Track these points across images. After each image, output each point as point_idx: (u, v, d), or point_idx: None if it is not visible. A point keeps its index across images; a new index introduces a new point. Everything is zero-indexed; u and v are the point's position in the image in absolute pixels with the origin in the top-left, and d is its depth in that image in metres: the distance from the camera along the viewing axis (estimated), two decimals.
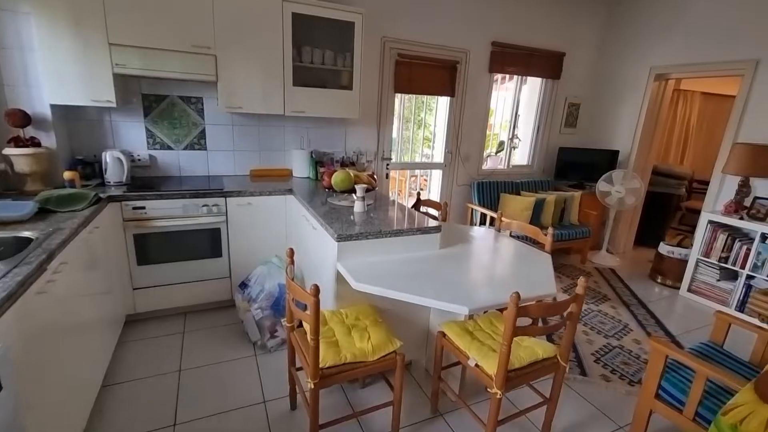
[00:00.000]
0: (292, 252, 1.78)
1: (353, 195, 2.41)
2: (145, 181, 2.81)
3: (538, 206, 4.03)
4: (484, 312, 2.00)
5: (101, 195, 2.32)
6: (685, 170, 4.93)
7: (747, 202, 3.34)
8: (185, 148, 3.07)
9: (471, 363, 1.69)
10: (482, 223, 4.05)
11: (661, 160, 5.55)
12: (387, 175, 3.90)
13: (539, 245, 2.44)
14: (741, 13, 3.42)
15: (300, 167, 3.34)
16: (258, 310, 2.48)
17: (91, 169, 2.72)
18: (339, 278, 1.93)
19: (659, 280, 3.87)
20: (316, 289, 1.41)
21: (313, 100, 3.04)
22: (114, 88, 2.47)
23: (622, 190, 4.11)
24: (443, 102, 4.06)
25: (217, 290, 2.84)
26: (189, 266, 2.71)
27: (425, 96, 4.07)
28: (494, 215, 3.83)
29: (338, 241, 1.87)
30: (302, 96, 2.99)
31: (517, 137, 4.46)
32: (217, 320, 2.79)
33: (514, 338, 1.52)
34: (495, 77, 4.17)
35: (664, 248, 3.84)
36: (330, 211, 2.28)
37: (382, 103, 3.66)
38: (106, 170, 2.64)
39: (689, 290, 3.58)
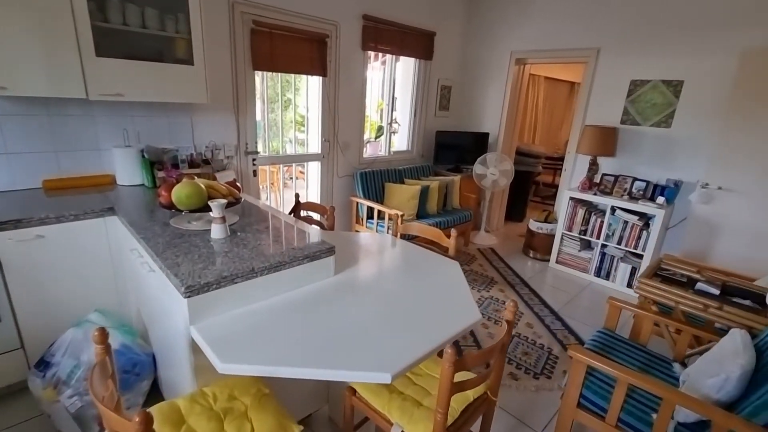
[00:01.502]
0: (103, 336, 1.08)
1: (209, 213, 1.75)
2: None
3: (424, 194, 3.89)
4: None
5: None
6: (540, 149, 5.47)
7: (597, 178, 3.74)
8: None
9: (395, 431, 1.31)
10: (369, 217, 3.72)
11: (519, 141, 6.04)
12: (254, 173, 3.21)
13: (441, 247, 2.19)
14: (584, 4, 3.70)
15: (127, 171, 2.43)
16: (74, 397, 1.66)
17: None
18: (197, 346, 1.31)
19: (531, 255, 4.16)
20: (145, 418, 0.81)
21: (136, 78, 2.18)
22: None
23: (497, 173, 4.25)
24: (314, 82, 3.50)
25: (2, 371, 1.86)
26: None
27: (291, 75, 3.46)
28: (382, 209, 3.54)
29: (188, 297, 1.25)
30: (115, 72, 2.10)
31: (396, 121, 4.21)
32: (5, 418, 1.83)
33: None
34: (368, 55, 3.78)
35: (533, 225, 4.11)
36: (174, 241, 1.59)
37: (238, 82, 2.92)
38: None
39: (557, 262, 3.92)
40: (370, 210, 3.68)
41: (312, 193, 3.81)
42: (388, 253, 2.02)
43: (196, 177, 1.86)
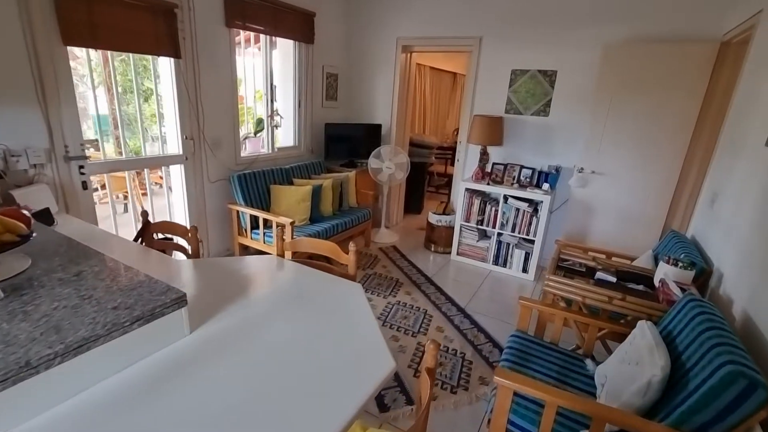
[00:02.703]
0: None
1: None
2: None
3: (316, 194, 3.47)
4: None
5: None
6: (433, 140, 5.45)
7: (488, 168, 3.77)
8: None
9: None
10: (254, 227, 3.16)
11: (411, 131, 5.97)
12: (85, 184, 2.40)
13: (339, 263, 1.82)
14: None
15: None
16: None
17: None
18: None
19: (433, 249, 4.07)
20: None
21: None
22: None
23: (392, 166, 4.03)
24: (166, 66, 2.78)
25: None
26: None
27: (147, 57, 2.69)
28: (267, 217, 3.03)
29: None
30: None
31: (278, 113, 3.68)
32: None
33: None
34: (237, 35, 3.17)
35: (433, 218, 4.01)
36: None
37: (41, 61, 2.09)
38: None
39: (458, 254, 3.88)
40: (255, 219, 3.13)
41: (177, 205, 3.09)
42: (272, 284, 1.58)
43: None
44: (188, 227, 1.86)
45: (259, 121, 3.76)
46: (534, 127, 3.64)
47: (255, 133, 3.79)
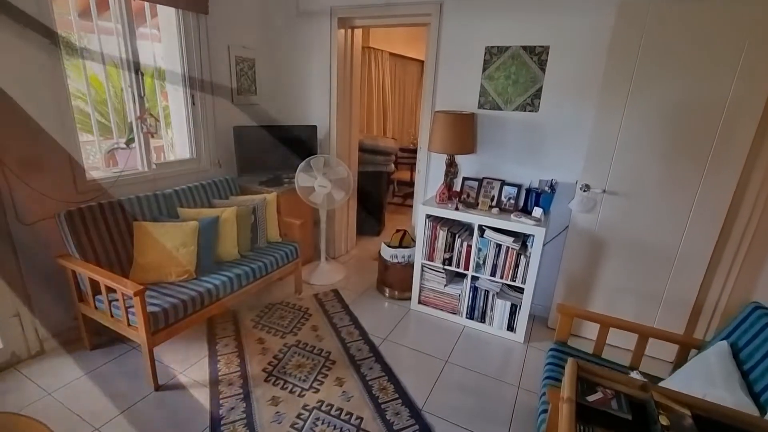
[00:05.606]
0: None
1: None
2: None
3: (208, 231, 2.37)
4: None
5: None
6: (390, 144, 4.37)
7: (457, 185, 2.74)
8: None
9: None
10: (96, 294, 2.04)
11: (366, 133, 4.90)
12: None
13: None
14: None
15: None
16: None
17: None
18: None
19: (387, 294, 3.02)
20: None
21: None
22: None
23: (327, 183, 2.95)
24: None
25: None
26: None
27: None
28: (107, 282, 1.91)
29: None
30: None
31: (150, 114, 2.53)
32: None
33: None
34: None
35: (386, 253, 2.96)
36: None
37: None
38: None
39: (420, 302, 2.84)
40: (96, 287, 2.01)
41: None
42: None
43: None
44: None
45: (131, 127, 2.62)
46: (519, 128, 2.62)
47: (127, 143, 2.65)
